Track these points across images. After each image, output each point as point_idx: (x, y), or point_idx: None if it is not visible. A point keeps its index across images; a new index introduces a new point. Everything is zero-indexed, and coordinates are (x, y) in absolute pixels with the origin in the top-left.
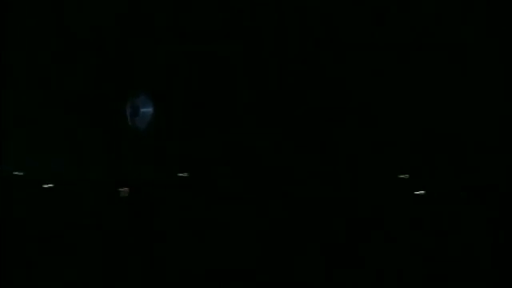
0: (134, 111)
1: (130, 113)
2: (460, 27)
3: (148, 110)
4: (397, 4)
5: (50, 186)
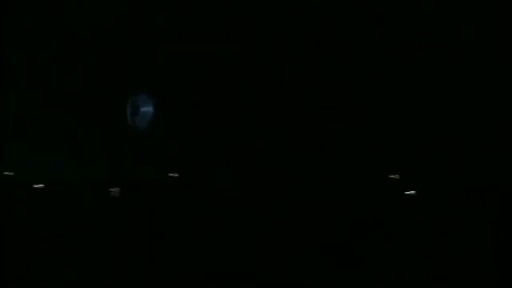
0: (134, 111)
1: (130, 112)
2: (460, 27)
3: (148, 109)
4: (397, 4)
5: (40, 186)
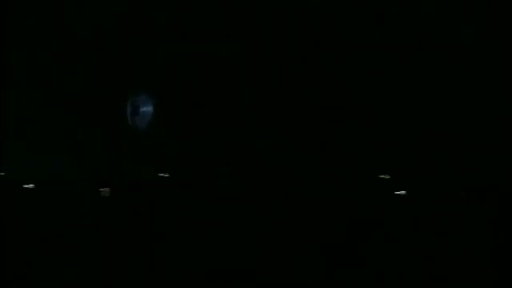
0: (134, 111)
1: (130, 112)
2: (460, 27)
3: (148, 109)
4: (397, 4)
5: (30, 186)
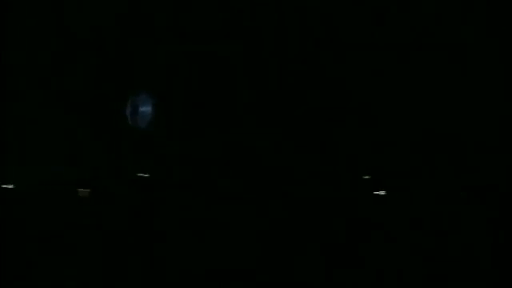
0: (134, 110)
1: (130, 112)
2: (460, 27)
3: (147, 109)
4: (397, 4)
5: (10, 186)
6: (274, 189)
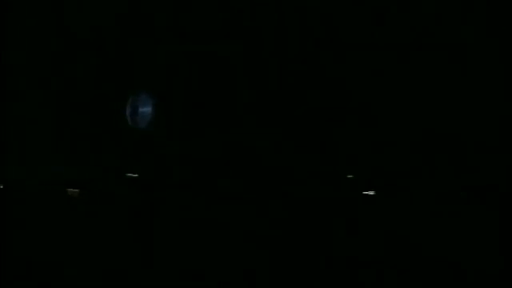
0: (134, 110)
1: (130, 112)
2: (460, 27)
3: (147, 109)
4: (397, 4)
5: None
6: (274, 189)
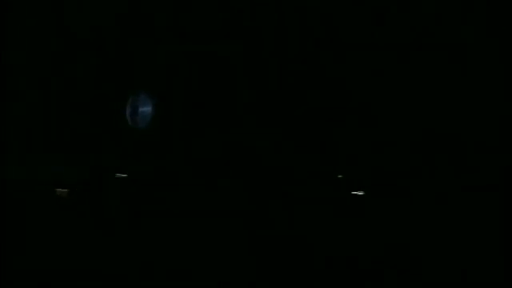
0: (133, 111)
1: (130, 112)
2: (460, 27)
3: (147, 109)
4: (397, 4)
5: None
6: (274, 189)
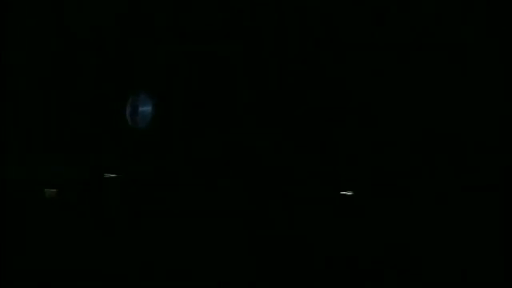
0: (133, 110)
1: (130, 112)
2: (460, 27)
3: (147, 109)
4: (397, 4)
5: None
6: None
